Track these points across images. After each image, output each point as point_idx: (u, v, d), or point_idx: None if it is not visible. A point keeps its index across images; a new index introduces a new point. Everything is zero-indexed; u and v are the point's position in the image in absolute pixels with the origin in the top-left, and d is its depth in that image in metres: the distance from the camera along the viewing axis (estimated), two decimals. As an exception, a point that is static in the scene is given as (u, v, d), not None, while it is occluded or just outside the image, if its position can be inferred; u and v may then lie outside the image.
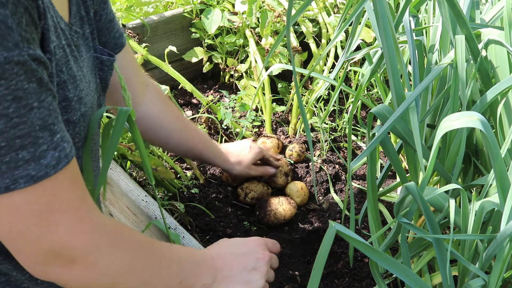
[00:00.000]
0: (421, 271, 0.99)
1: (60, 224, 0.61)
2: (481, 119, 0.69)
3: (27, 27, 0.55)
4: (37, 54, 0.56)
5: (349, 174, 0.98)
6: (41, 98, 0.57)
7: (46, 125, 0.58)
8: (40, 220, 0.60)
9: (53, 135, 0.59)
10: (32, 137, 0.56)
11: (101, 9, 0.85)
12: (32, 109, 0.56)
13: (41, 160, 0.58)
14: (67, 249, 0.62)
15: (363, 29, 1.58)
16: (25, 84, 0.55)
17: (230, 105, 1.63)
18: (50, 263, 0.63)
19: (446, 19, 0.92)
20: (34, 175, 0.57)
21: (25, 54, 0.54)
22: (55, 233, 0.61)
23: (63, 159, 0.60)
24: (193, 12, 1.85)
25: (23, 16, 0.54)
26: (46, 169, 0.58)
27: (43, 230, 0.60)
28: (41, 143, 0.57)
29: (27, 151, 0.56)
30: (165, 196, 1.34)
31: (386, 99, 1.37)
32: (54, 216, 0.61)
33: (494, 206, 0.76)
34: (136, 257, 0.71)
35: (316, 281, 0.64)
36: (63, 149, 0.60)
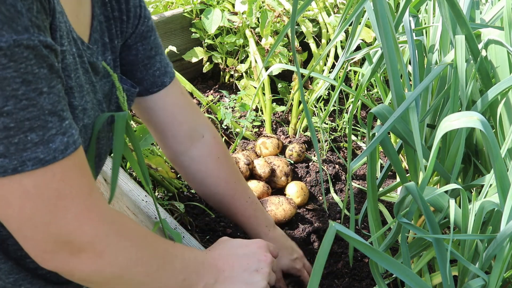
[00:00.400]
0: (421, 271, 0.99)
1: (70, 209, 0.61)
2: (481, 119, 0.69)
3: (38, 14, 0.55)
4: (48, 41, 0.57)
5: (349, 174, 0.98)
6: (51, 84, 0.58)
7: (56, 110, 0.58)
8: (49, 204, 0.60)
9: (62, 121, 0.59)
10: (41, 121, 0.57)
11: (139, 44, 0.85)
12: (41, 94, 0.56)
13: (50, 144, 0.58)
14: (76, 235, 0.62)
15: (363, 29, 1.58)
16: (35, 69, 0.55)
17: (230, 105, 1.63)
18: (59, 250, 0.62)
19: (446, 19, 0.92)
20: (42, 158, 0.57)
21: (35, 39, 0.55)
22: (64, 219, 0.61)
23: (71, 145, 0.60)
24: (193, 12, 1.85)
25: (34, 3, 0.55)
26: (54, 153, 0.58)
27: (52, 215, 0.60)
28: (50, 127, 0.58)
29: (36, 134, 0.57)
30: (165, 196, 1.34)
31: (386, 99, 1.37)
32: (64, 202, 0.61)
33: (494, 206, 0.76)
34: (142, 249, 0.71)
35: (316, 281, 0.64)
36: (72, 135, 0.60)
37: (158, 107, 0.93)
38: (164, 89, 0.92)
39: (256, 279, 0.84)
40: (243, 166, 1.39)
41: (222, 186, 1.03)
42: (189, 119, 0.98)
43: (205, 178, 1.02)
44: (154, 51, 0.89)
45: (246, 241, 0.91)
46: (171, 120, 0.95)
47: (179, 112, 0.96)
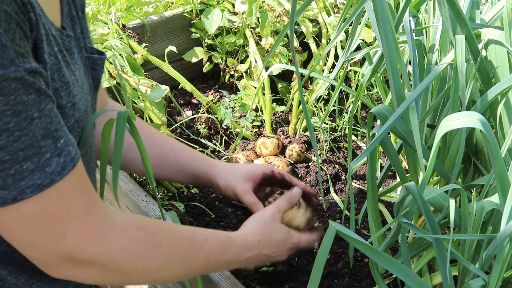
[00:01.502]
0: (421, 271, 0.99)
1: (68, 230, 0.62)
2: (481, 119, 0.69)
3: (20, 41, 0.55)
4: (32, 67, 0.57)
5: (349, 174, 0.98)
6: (41, 107, 0.58)
7: (49, 132, 0.58)
8: (47, 227, 0.61)
9: (57, 142, 0.59)
10: (35, 148, 0.57)
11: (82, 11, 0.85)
12: (33, 120, 0.57)
13: (46, 168, 0.58)
14: (76, 254, 0.63)
15: (363, 29, 1.58)
16: (23, 97, 0.55)
17: (230, 105, 1.63)
18: (62, 265, 0.64)
19: (446, 19, 0.92)
20: (40, 183, 0.58)
21: (21, 70, 0.55)
22: (63, 240, 0.62)
23: (69, 164, 0.61)
24: (193, 12, 1.85)
25: (16, 31, 0.54)
26: (51, 176, 0.59)
27: (51, 237, 0.61)
28: (44, 152, 0.58)
29: (31, 162, 0.57)
30: (165, 196, 1.34)
31: (386, 99, 1.37)
32: (61, 223, 0.61)
33: (494, 206, 0.76)
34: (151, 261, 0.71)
35: (316, 281, 0.64)
36: (68, 153, 0.61)
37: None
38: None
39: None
40: (243, 166, 1.39)
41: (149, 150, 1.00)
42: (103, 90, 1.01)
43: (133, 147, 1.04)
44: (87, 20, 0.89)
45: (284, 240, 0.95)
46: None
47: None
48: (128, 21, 1.72)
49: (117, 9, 1.70)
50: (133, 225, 0.71)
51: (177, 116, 1.70)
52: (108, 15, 1.64)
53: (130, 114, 0.74)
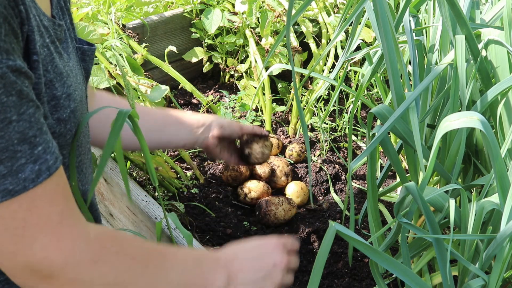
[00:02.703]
0: (421, 271, 0.99)
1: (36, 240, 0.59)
2: (481, 119, 0.69)
3: (6, 37, 0.53)
4: (17, 65, 0.55)
5: (349, 174, 0.98)
6: (20, 111, 0.56)
7: (26, 138, 0.56)
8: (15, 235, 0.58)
9: (34, 148, 0.57)
10: (9, 151, 0.55)
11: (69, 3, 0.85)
12: (10, 123, 0.54)
13: (19, 174, 0.56)
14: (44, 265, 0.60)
15: (363, 29, 1.58)
16: (3, 98, 0.53)
17: (230, 105, 1.63)
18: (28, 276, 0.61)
19: (446, 19, 0.92)
20: (12, 189, 0.56)
21: (3, 66, 0.53)
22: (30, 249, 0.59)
23: (44, 172, 0.58)
24: (193, 12, 1.85)
25: (2, 26, 0.53)
26: (24, 183, 0.56)
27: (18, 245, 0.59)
28: (19, 157, 0.56)
29: (4, 166, 0.55)
30: (165, 196, 1.34)
31: (386, 99, 1.37)
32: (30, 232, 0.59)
33: (494, 206, 0.76)
34: (124, 272, 0.68)
35: (316, 281, 0.64)
36: (45, 161, 0.58)
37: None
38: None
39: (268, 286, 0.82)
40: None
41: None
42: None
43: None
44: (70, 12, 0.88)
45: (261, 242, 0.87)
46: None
47: None
48: (128, 21, 1.72)
49: (117, 9, 1.70)
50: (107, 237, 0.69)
51: (177, 116, 1.70)
52: (108, 15, 1.64)
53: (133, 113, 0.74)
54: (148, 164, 0.79)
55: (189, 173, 1.46)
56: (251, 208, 1.38)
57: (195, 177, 1.45)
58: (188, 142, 1.10)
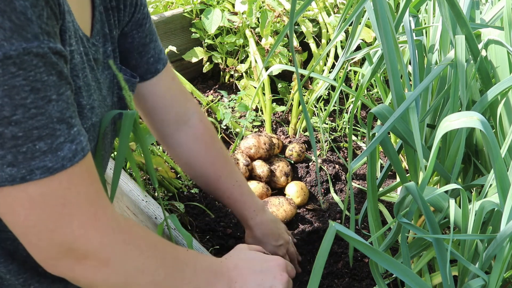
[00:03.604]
0: (421, 271, 0.99)
1: (75, 217, 0.61)
2: (481, 119, 0.69)
3: (48, 20, 0.55)
4: (57, 48, 0.56)
5: (349, 174, 0.98)
6: (60, 91, 0.57)
7: (64, 118, 0.58)
8: (54, 212, 0.59)
9: (71, 128, 0.59)
10: (49, 129, 0.56)
11: (135, 32, 0.85)
12: (50, 101, 0.56)
13: (58, 152, 0.58)
14: (81, 243, 0.62)
15: (363, 29, 1.58)
16: (44, 76, 0.55)
17: (229, 105, 1.63)
18: (63, 257, 0.62)
19: (446, 19, 0.92)
20: (51, 166, 0.57)
21: (45, 47, 0.54)
22: (69, 227, 0.60)
23: (79, 152, 0.60)
24: (193, 12, 1.85)
25: (44, 9, 0.54)
26: (62, 161, 0.58)
27: (57, 223, 0.60)
28: (58, 135, 0.57)
29: (44, 143, 0.56)
30: (165, 196, 1.34)
31: (386, 99, 1.37)
32: (69, 209, 0.60)
33: (494, 206, 0.76)
34: (150, 258, 0.70)
35: (316, 281, 0.64)
36: (80, 142, 0.60)
37: (150, 93, 0.93)
38: (157, 75, 0.92)
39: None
40: (242, 166, 1.39)
41: (207, 168, 1.04)
42: (178, 104, 0.99)
43: (191, 160, 1.03)
44: (148, 39, 0.89)
45: (265, 256, 0.89)
46: (161, 106, 0.96)
47: (169, 97, 0.96)
48: (128, 21, 1.72)
49: (117, 9, 1.70)
50: (132, 222, 0.71)
51: (177, 116, 1.70)
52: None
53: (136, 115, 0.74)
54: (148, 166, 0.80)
55: (189, 173, 1.46)
56: (251, 208, 1.38)
57: (195, 177, 1.45)
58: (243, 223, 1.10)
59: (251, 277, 0.83)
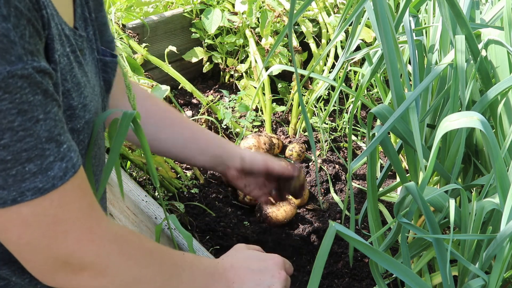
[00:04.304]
0: (421, 271, 0.99)
1: (69, 233, 0.61)
2: (481, 119, 0.69)
3: (30, 39, 0.54)
4: (41, 66, 0.56)
5: (349, 174, 0.98)
6: (46, 110, 0.57)
7: (53, 136, 0.58)
8: (47, 230, 0.60)
9: (60, 146, 0.59)
10: (38, 150, 0.56)
11: (98, 11, 0.85)
12: (38, 121, 0.56)
13: (48, 172, 0.57)
14: (77, 257, 0.62)
15: (363, 29, 1.58)
16: (30, 97, 0.54)
17: (230, 105, 1.63)
18: (59, 270, 0.63)
19: (446, 19, 0.92)
20: (42, 187, 0.57)
21: (29, 67, 0.54)
22: (63, 243, 0.61)
23: (70, 170, 0.60)
24: (193, 12, 1.85)
25: (26, 28, 0.54)
26: (53, 181, 0.58)
27: (51, 240, 0.60)
28: (47, 155, 0.57)
29: (34, 164, 0.56)
30: (165, 196, 1.34)
31: (386, 99, 1.37)
32: (62, 226, 0.60)
33: (494, 206, 0.76)
34: (146, 266, 0.70)
35: (316, 281, 0.64)
36: (70, 159, 0.60)
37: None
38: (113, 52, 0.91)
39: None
40: (243, 166, 1.39)
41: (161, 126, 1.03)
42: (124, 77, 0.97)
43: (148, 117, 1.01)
44: (105, 17, 0.87)
45: (262, 254, 0.89)
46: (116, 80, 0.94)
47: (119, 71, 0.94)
48: (128, 21, 1.72)
49: (117, 9, 1.70)
50: (128, 231, 0.71)
51: (177, 116, 1.70)
52: (108, 15, 1.64)
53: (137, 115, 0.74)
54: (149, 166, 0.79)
55: (189, 173, 1.46)
56: (251, 208, 1.38)
57: (195, 177, 1.45)
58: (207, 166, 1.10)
59: (249, 277, 0.83)
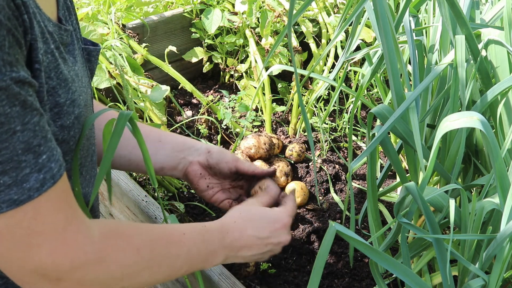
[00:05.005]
0: (421, 271, 0.99)
1: (42, 246, 0.60)
2: (481, 119, 0.69)
3: (10, 49, 0.53)
4: (20, 76, 0.55)
5: (349, 174, 0.98)
6: (25, 121, 0.56)
7: (30, 147, 0.57)
8: (21, 242, 0.59)
9: (38, 157, 0.58)
10: (14, 162, 0.55)
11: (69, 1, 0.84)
12: (15, 133, 0.55)
13: (24, 184, 0.56)
14: (51, 270, 0.62)
15: (363, 29, 1.58)
16: (7, 109, 0.53)
17: (230, 105, 1.63)
18: (37, 280, 0.62)
19: (446, 19, 0.92)
20: (17, 199, 0.56)
21: (7, 79, 0.53)
22: (37, 255, 0.60)
23: (48, 180, 0.59)
24: (193, 12, 1.85)
25: (6, 38, 0.53)
26: (29, 193, 0.57)
27: (25, 253, 0.60)
28: (23, 167, 0.56)
29: (9, 176, 0.55)
30: (165, 196, 1.34)
31: (386, 99, 1.37)
32: (35, 239, 0.60)
33: (494, 206, 0.76)
34: (129, 267, 0.70)
35: (316, 281, 0.64)
36: (50, 170, 0.59)
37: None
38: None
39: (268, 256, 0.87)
40: (243, 166, 1.39)
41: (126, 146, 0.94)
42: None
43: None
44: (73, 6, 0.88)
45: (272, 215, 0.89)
46: None
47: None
48: (128, 21, 1.72)
49: (117, 9, 1.70)
50: (112, 233, 0.70)
51: (177, 116, 1.70)
52: (108, 15, 1.64)
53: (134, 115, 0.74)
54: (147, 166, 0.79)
55: (189, 173, 1.46)
56: (251, 208, 1.38)
57: (195, 177, 1.45)
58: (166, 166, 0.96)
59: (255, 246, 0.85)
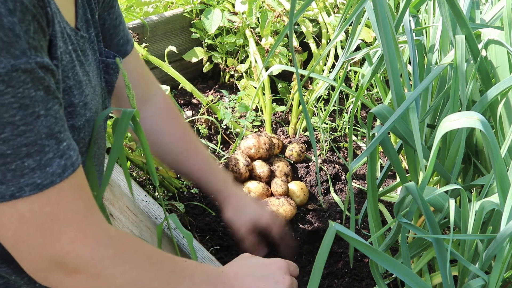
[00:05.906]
0: (421, 271, 0.99)
1: (64, 233, 0.61)
2: (481, 119, 0.69)
3: (35, 34, 0.55)
4: (44, 62, 0.56)
5: (349, 174, 0.98)
6: (48, 106, 0.57)
7: (53, 133, 0.58)
8: (44, 228, 0.59)
9: (60, 143, 0.59)
10: (38, 145, 0.56)
11: (106, 14, 0.85)
12: (38, 117, 0.56)
13: (47, 168, 0.57)
14: (71, 258, 0.62)
15: (363, 29, 1.58)
16: (32, 92, 0.55)
17: (230, 105, 1.63)
18: (53, 270, 0.62)
19: (446, 19, 0.92)
20: (40, 183, 0.57)
21: (33, 62, 0.54)
22: (58, 242, 0.61)
23: (69, 167, 0.60)
24: (193, 12, 1.85)
25: (31, 23, 0.54)
26: (52, 177, 0.58)
27: (46, 239, 0.60)
28: (47, 151, 0.57)
29: (33, 159, 0.56)
30: (165, 196, 1.34)
31: (386, 99, 1.37)
32: (58, 225, 0.60)
33: (494, 206, 0.76)
34: (142, 272, 0.70)
35: (316, 281, 0.64)
36: (70, 157, 0.60)
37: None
38: (126, 57, 0.91)
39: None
40: (242, 166, 1.39)
41: (174, 144, 1.05)
42: (143, 83, 1.00)
43: (158, 136, 1.03)
44: (118, 20, 0.88)
45: (266, 261, 0.88)
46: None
47: (135, 77, 0.96)
48: (128, 21, 1.72)
49: (117, 9, 1.70)
50: (125, 235, 0.71)
51: (177, 116, 1.70)
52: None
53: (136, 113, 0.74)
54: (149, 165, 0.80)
55: (189, 173, 1.46)
56: (251, 208, 1.38)
57: (195, 177, 1.45)
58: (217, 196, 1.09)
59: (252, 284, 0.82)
